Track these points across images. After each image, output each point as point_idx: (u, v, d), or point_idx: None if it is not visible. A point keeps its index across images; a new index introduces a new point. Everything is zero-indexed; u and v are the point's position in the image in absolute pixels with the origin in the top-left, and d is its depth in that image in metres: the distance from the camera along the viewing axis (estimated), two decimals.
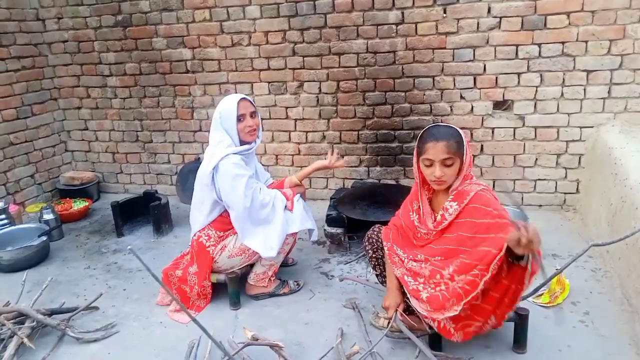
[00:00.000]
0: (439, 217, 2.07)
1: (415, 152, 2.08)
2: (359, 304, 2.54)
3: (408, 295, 2.11)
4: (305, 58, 3.80)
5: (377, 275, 2.42)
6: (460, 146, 1.97)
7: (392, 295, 2.22)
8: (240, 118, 2.50)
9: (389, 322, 2.29)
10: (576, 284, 2.62)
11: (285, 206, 2.59)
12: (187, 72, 4.09)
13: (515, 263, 1.81)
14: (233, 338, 2.22)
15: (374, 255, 2.37)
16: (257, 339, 2.15)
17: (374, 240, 2.37)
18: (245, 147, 2.56)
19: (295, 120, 3.99)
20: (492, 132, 3.61)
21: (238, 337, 2.24)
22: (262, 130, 4.01)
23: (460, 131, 2.01)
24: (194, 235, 2.64)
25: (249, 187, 2.46)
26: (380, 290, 2.47)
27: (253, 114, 2.56)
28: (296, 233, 2.65)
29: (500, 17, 3.36)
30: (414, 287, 2.06)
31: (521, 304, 2.15)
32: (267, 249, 2.51)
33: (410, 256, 2.14)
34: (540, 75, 3.41)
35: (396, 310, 2.18)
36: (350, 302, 2.57)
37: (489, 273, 1.81)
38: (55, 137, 4.49)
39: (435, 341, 2.13)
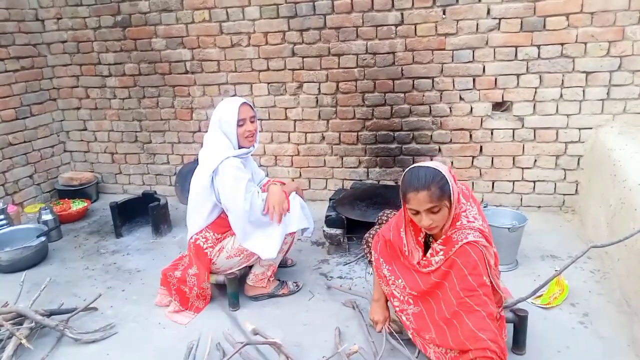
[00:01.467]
0: (428, 254, 2.02)
1: (400, 194, 1.98)
2: (359, 305, 2.54)
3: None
4: (304, 59, 3.80)
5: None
6: (444, 189, 1.84)
7: (379, 309, 2.25)
8: (240, 123, 2.50)
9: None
10: (575, 285, 2.62)
11: None
12: (187, 72, 4.09)
13: None
14: (231, 333, 2.22)
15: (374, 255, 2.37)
16: (257, 333, 2.15)
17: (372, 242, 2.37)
18: (244, 150, 2.56)
19: (295, 121, 3.99)
20: (492, 133, 3.61)
21: (237, 337, 2.23)
22: (261, 131, 4.03)
23: (443, 170, 1.88)
24: (191, 238, 2.63)
25: (248, 190, 2.45)
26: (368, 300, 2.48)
27: (252, 119, 2.56)
28: (294, 232, 2.65)
29: (500, 19, 3.36)
30: (399, 311, 2.12)
31: (520, 305, 2.16)
32: (266, 250, 2.50)
33: (392, 277, 2.13)
34: (540, 76, 3.41)
35: (384, 324, 2.22)
36: (350, 302, 2.57)
37: None
38: (54, 138, 4.48)
39: None
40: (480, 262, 1.86)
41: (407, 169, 1.96)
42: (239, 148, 2.55)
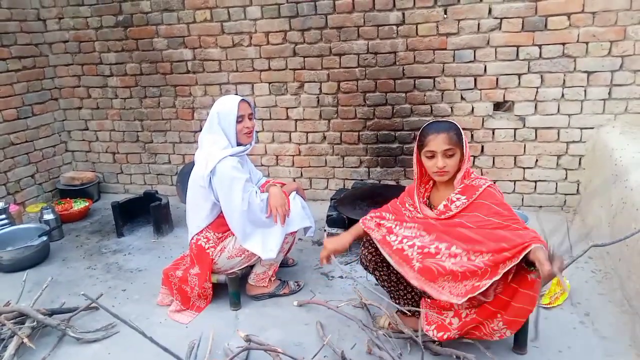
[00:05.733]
0: (441, 207, 2.07)
1: (415, 147, 2.14)
2: (357, 305, 2.52)
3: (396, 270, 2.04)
4: (305, 58, 3.80)
5: (377, 279, 2.36)
6: (459, 138, 2.04)
7: (339, 239, 2.21)
8: (239, 119, 2.50)
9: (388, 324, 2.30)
10: (576, 285, 2.62)
11: None
12: (188, 72, 4.09)
13: (525, 268, 1.84)
14: (228, 346, 2.22)
15: (373, 259, 2.27)
16: (250, 341, 2.14)
17: (372, 241, 2.24)
18: (241, 148, 2.56)
19: (296, 120, 3.99)
20: (493, 133, 3.61)
21: (237, 339, 2.24)
22: (262, 130, 4.04)
23: (458, 126, 2.08)
24: (192, 238, 2.63)
25: (245, 190, 2.45)
26: (346, 317, 2.38)
27: (251, 116, 2.57)
28: (295, 232, 2.65)
29: (501, 18, 3.36)
30: (398, 247, 1.98)
31: None
32: (266, 250, 2.51)
33: (402, 223, 2.07)
34: (541, 76, 3.41)
35: (330, 256, 2.17)
36: (361, 302, 2.49)
37: (497, 275, 1.79)
38: (55, 137, 4.49)
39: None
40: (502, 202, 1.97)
41: (426, 124, 2.13)
42: (237, 145, 2.55)
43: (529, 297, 1.87)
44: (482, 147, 3.66)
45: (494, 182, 2.09)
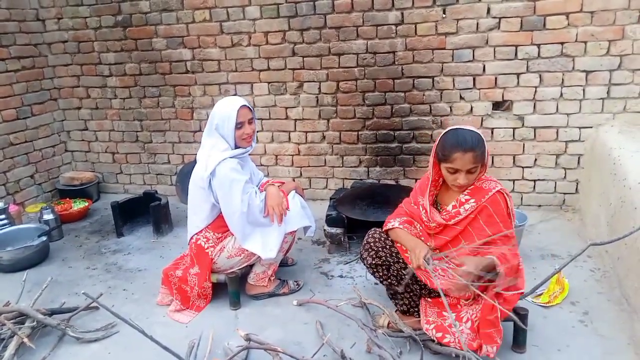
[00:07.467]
0: (449, 208, 2.08)
1: (434, 154, 2.06)
2: (356, 304, 2.53)
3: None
4: (305, 58, 3.80)
5: (377, 281, 2.38)
6: (484, 153, 1.98)
7: (420, 244, 2.08)
8: (238, 125, 2.49)
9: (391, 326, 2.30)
10: (575, 284, 2.63)
11: None
12: (187, 72, 4.09)
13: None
14: (228, 345, 2.22)
15: (373, 262, 2.24)
16: (250, 339, 2.15)
17: (372, 243, 2.25)
18: (241, 150, 2.56)
19: (295, 120, 3.99)
20: (492, 132, 3.62)
21: (237, 338, 2.24)
22: (261, 130, 4.04)
23: (482, 136, 2.00)
24: (192, 237, 2.64)
25: (245, 191, 2.46)
26: (344, 315, 2.39)
27: (251, 120, 2.55)
28: (295, 231, 2.65)
29: (500, 18, 3.36)
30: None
31: (520, 303, 2.16)
32: (266, 250, 2.51)
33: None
34: (540, 75, 3.41)
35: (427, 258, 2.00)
36: (360, 301, 2.51)
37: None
38: (55, 138, 4.49)
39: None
40: (505, 212, 2.02)
41: (447, 131, 2.03)
42: (236, 148, 2.56)
43: (487, 307, 1.96)
44: None
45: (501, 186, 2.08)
